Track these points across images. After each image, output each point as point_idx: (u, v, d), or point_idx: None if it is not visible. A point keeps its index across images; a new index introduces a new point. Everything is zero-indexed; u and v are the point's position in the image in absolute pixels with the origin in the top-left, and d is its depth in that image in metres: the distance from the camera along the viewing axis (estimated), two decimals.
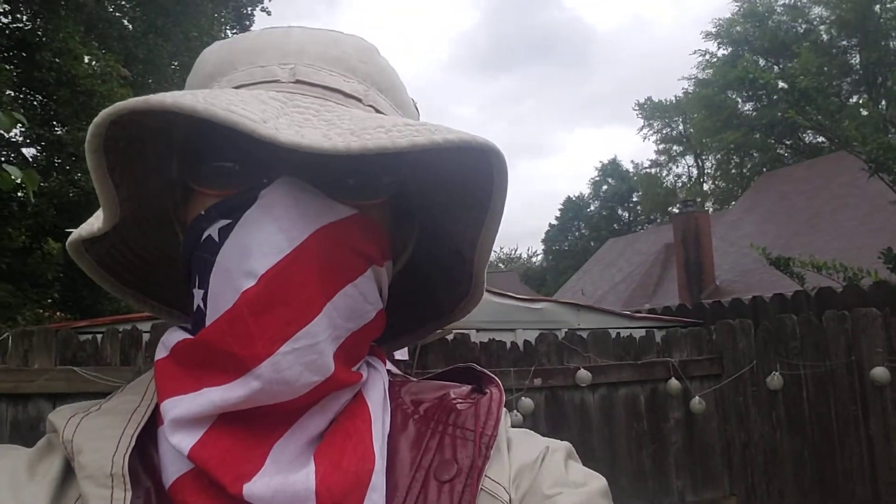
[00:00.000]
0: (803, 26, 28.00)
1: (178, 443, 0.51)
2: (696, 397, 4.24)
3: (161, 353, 0.58)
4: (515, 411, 3.88)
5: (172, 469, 0.53)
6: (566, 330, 4.52)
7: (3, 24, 10.86)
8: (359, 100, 0.61)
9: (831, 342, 4.11)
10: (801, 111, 6.32)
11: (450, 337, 4.09)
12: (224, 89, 0.57)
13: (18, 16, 11.22)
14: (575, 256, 40.15)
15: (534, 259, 49.39)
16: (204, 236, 0.56)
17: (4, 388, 2.94)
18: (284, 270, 0.52)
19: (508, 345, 4.19)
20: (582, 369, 4.10)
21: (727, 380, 4.36)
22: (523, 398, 3.95)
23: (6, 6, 10.33)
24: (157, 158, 0.61)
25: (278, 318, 0.51)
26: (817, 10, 27.72)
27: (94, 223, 0.59)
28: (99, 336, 3.19)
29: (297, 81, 0.59)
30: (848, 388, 4.05)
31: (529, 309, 5.24)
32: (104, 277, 0.67)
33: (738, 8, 28.82)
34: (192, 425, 0.52)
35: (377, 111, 0.61)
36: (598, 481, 0.61)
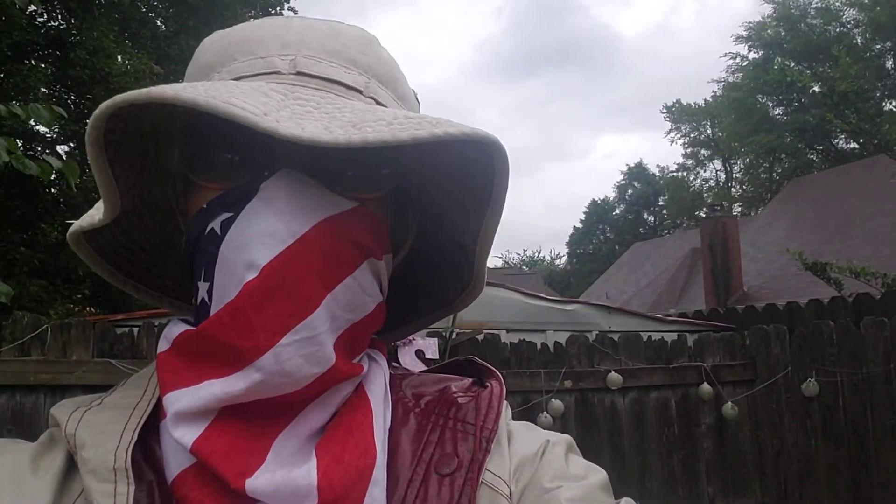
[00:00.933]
0: (837, 29, 27.55)
1: (181, 437, 0.51)
2: (729, 403, 4.18)
3: (163, 345, 0.57)
4: (545, 413, 3.86)
5: (175, 463, 0.53)
6: (597, 332, 4.49)
7: (39, 23, 11.06)
8: (360, 91, 0.60)
9: (869, 349, 4.03)
10: (839, 115, 6.22)
11: (480, 337, 4.08)
12: (225, 81, 0.57)
13: (54, 14, 11.43)
14: (599, 260, 39.93)
15: (557, 262, 49.20)
16: (207, 229, 0.55)
17: (44, 380, 2.98)
18: (285, 263, 0.52)
19: (539, 346, 4.16)
20: (613, 372, 4.07)
21: (760, 385, 4.30)
22: (553, 400, 3.92)
23: (42, 6, 10.52)
24: (158, 151, 0.62)
25: (279, 310, 0.52)
26: (851, 13, 27.27)
27: (95, 214, 0.59)
28: (136, 329, 3.23)
29: (298, 73, 0.59)
30: (886, 397, 3.97)
31: (560, 310, 5.21)
32: (104, 268, 0.68)
33: (770, 11, 28.45)
34: (195, 419, 0.52)
35: (378, 103, 0.61)
36: (598, 474, 0.61)
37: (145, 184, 0.64)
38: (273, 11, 15.24)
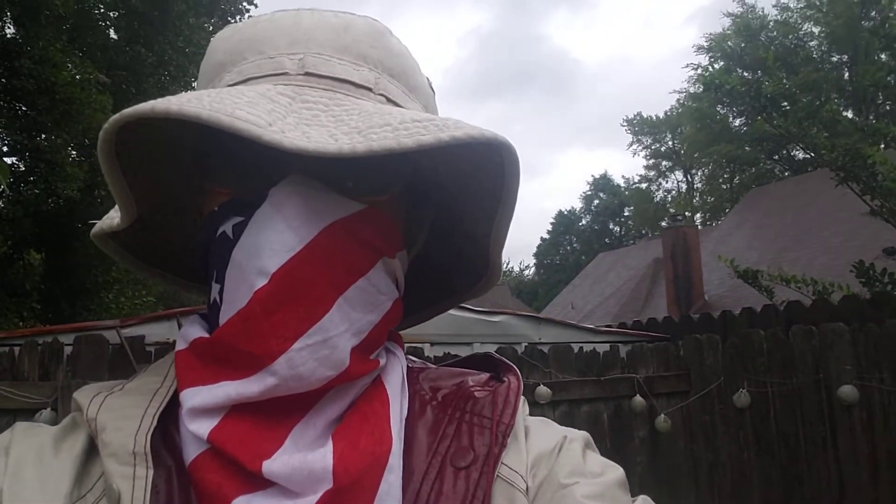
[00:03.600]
0: (794, 41, 28.12)
1: (197, 430, 0.53)
2: (662, 415, 4.08)
3: (181, 344, 0.59)
4: None
5: (192, 448, 0.54)
6: (526, 344, 4.37)
7: None
8: (369, 89, 0.60)
9: (798, 358, 3.95)
10: (767, 118, 6.23)
11: None
12: (231, 88, 0.56)
13: (0, 24, 11.14)
14: (566, 270, 40.10)
15: (526, 273, 49.32)
16: (219, 232, 0.56)
17: None
18: (295, 268, 0.53)
19: None
20: (542, 385, 3.94)
21: (694, 397, 4.21)
22: None
23: None
24: (170, 157, 0.62)
25: (290, 316, 0.52)
26: (808, 26, 27.88)
27: (115, 217, 0.61)
28: (16, 349, 3.01)
29: (307, 73, 0.59)
30: (816, 407, 3.89)
31: (487, 322, 5.07)
32: (130, 260, 0.69)
33: (730, 23, 28.97)
34: (209, 414, 0.53)
35: (388, 100, 0.61)
36: (615, 471, 0.62)
37: (163, 186, 0.64)
38: (232, 20, 15.08)
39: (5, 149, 11.13)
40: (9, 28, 11.09)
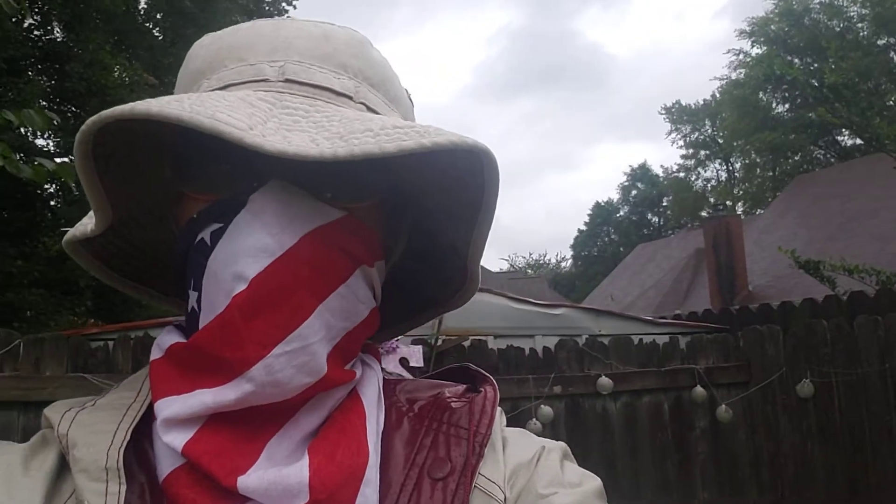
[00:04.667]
0: (841, 24, 27.31)
1: (171, 441, 0.52)
2: (723, 405, 4.11)
3: (156, 353, 0.58)
4: (535, 419, 3.80)
5: (166, 463, 0.53)
6: (586, 336, 4.43)
7: (35, 36, 11.10)
8: (349, 97, 0.60)
9: (863, 348, 3.95)
10: (830, 108, 6.15)
11: (466, 343, 4.02)
12: (212, 92, 0.56)
13: (50, 28, 11.47)
14: (604, 262, 39.77)
15: (563, 265, 49.07)
16: (197, 239, 0.56)
17: (15, 396, 2.93)
18: (274, 274, 0.52)
19: (527, 351, 4.10)
20: (603, 376, 4.00)
21: (755, 387, 4.22)
22: (543, 406, 3.86)
23: (37, 19, 10.55)
24: (148, 161, 0.61)
25: (269, 322, 0.52)
26: (856, 8, 27.02)
27: (88, 224, 0.60)
28: (111, 343, 3.18)
29: (287, 80, 0.58)
30: (881, 397, 3.89)
31: (548, 315, 5.13)
32: (101, 270, 0.68)
33: (773, 6, 28.16)
34: (185, 424, 0.52)
35: (368, 108, 0.61)
36: (593, 481, 0.61)
37: (139, 192, 0.63)
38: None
39: (57, 150, 11.46)
40: (57, 32, 11.41)
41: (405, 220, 0.70)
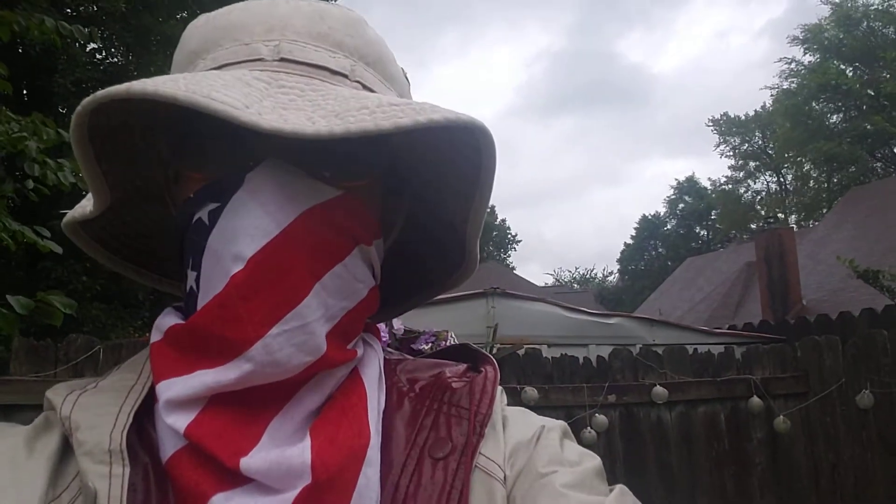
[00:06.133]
0: None
1: (174, 423, 0.52)
2: (781, 416, 4.07)
3: (156, 335, 0.58)
4: (589, 428, 3.83)
5: (169, 445, 0.53)
6: (640, 345, 4.44)
7: (98, 60, 11.58)
8: (345, 76, 0.60)
9: None
10: (887, 117, 6.04)
11: (521, 352, 4.08)
12: (207, 72, 0.56)
13: (112, 51, 11.96)
14: (651, 276, 39.26)
15: (609, 279, 48.54)
16: (194, 219, 0.56)
17: None
18: (272, 254, 0.52)
19: (581, 360, 4.14)
20: (658, 386, 4.01)
21: (814, 398, 4.17)
22: (597, 415, 3.88)
23: (100, 43, 11.01)
24: (145, 142, 0.62)
25: (267, 301, 0.52)
26: None
27: (87, 205, 0.60)
28: None
29: (282, 59, 0.58)
30: None
31: (602, 324, 5.15)
32: (101, 253, 0.69)
33: (828, 12, 27.43)
34: (187, 406, 0.53)
35: (364, 87, 0.61)
36: (592, 460, 0.61)
37: (137, 173, 0.65)
38: None
39: None
40: (119, 56, 11.87)
41: (403, 197, 0.70)
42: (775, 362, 4.27)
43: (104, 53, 11.92)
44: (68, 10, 10.31)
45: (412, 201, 0.71)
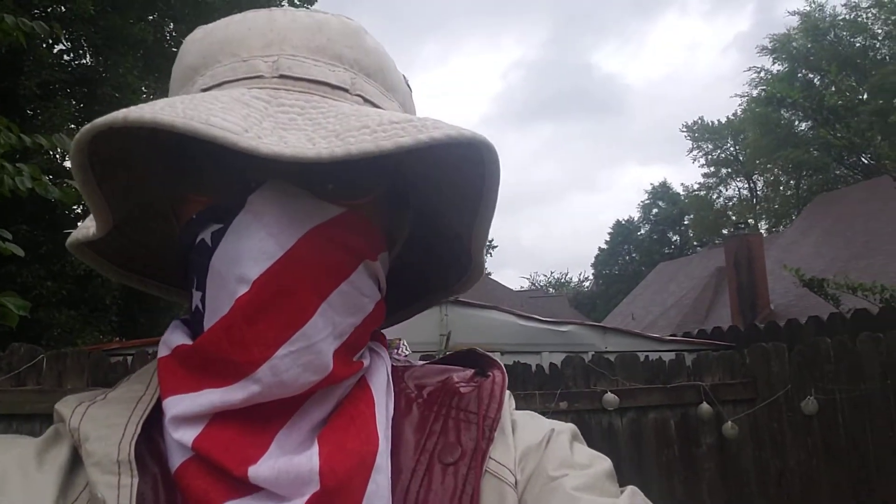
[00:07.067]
0: (865, 42, 26.95)
1: (181, 437, 0.52)
2: (729, 422, 4.14)
3: (163, 351, 0.58)
4: None
5: (177, 454, 0.54)
6: (593, 353, 4.48)
7: (65, 61, 11.45)
8: (345, 90, 0.59)
9: (866, 365, 3.98)
10: (830, 129, 6.19)
11: None
12: (205, 93, 0.55)
13: (81, 52, 11.82)
14: (625, 280, 39.56)
15: (584, 283, 48.85)
16: (198, 240, 0.56)
17: (40, 409, 3.06)
18: (276, 276, 0.52)
19: (534, 367, 4.18)
20: (609, 393, 4.06)
21: (762, 404, 4.26)
22: None
23: (68, 44, 10.89)
24: (146, 165, 0.62)
25: (273, 324, 0.52)
26: (879, 26, 26.66)
27: (90, 227, 0.60)
28: (129, 358, 3.32)
29: (282, 76, 0.58)
30: (884, 413, 3.91)
31: (555, 332, 5.21)
32: (108, 268, 0.69)
33: (797, 22, 27.88)
34: (193, 421, 0.53)
35: (365, 100, 0.61)
36: (603, 462, 0.62)
37: (140, 194, 0.64)
38: None
39: None
40: (88, 57, 11.75)
41: (407, 209, 0.70)
42: (724, 369, 4.35)
43: (72, 55, 11.79)
44: (36, 12, 10.18)
45: (417, 211, 0.71)
